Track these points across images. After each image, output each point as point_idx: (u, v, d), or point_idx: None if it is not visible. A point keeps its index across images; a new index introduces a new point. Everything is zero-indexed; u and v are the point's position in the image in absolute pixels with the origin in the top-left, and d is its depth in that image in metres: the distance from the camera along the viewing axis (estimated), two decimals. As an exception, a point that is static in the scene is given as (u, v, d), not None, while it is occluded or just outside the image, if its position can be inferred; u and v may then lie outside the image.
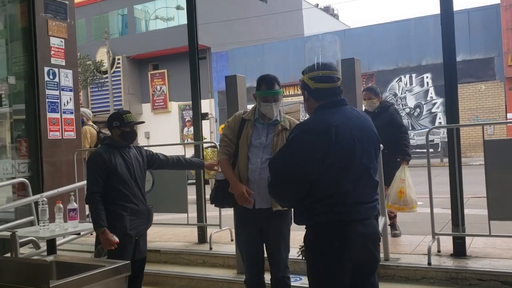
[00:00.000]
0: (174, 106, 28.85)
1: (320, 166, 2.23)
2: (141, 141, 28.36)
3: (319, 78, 2.38)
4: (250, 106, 3.64)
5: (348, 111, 2.40)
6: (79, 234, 5.02)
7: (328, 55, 2.44)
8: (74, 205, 4.11)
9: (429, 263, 4.15)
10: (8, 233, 2.68)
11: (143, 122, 4.20)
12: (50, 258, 2.55)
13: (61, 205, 4.20)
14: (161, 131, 27.48)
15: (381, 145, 2.65)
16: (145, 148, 4.08)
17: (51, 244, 4.16)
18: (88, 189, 3.54)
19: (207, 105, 25.79)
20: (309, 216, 2.34)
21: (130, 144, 3.75)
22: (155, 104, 29.60)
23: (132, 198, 3.57)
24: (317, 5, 40.73)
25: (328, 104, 2.37)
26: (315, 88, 2.39)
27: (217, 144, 6.22)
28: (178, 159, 4.05)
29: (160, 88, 29.38)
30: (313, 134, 2.27)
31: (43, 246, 4.54)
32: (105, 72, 28.04)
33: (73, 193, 4.51)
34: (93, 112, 28.89)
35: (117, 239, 3.41)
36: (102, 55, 28.80)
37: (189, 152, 5.75)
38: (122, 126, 3.63)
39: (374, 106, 5.42)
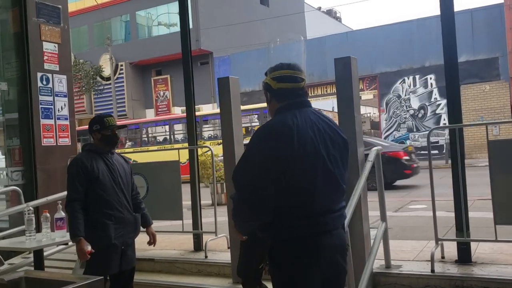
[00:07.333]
0: (177, 111, 28.80)
1: (283, 169, 2.08)
2: (144, 147, 28.30)
3: (282, 78, 2.28)
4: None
5: (311, 113, 2.25)
6: (67, 244, 4.85)
7: (291, 55, 2.33)
8: (62, 214, 3.95)
9: (433, 270, 3.96)
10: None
11: (125, 127, 3.99)
12: (20, 274, 2.38)
13: (48, 214, 4.05)
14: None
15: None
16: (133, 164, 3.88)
17: (39, 255, 4.02)
18: (67, 197, 3.37)
19: (210, 110, 25.70)
20: (274, 230, 2.17)
21: (113, 150, 3.58)
22: (159, 109, 29.62)
23: (117, 205, 3.39)
24: (319, 8, 40.65)
25: (289, 106, 2.24)
26: (277, 89, 2.28)
27: (211, 148, 6.09)
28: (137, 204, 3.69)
29: (163, 93, 29.42)
30: (274, 138, 2.12)
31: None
32: (108, 78, 28.05)
33: (60, 201, 4.31)
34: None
35: (89, 249, 3.21)
36: (105, 62, 28.87)
37: (184, 157, 5.59)
38: (102, 130, 3.47)
39: None
